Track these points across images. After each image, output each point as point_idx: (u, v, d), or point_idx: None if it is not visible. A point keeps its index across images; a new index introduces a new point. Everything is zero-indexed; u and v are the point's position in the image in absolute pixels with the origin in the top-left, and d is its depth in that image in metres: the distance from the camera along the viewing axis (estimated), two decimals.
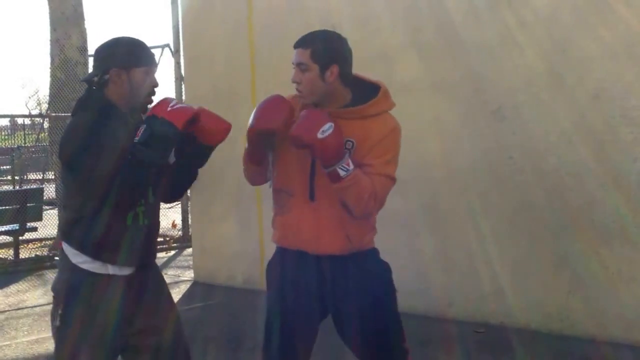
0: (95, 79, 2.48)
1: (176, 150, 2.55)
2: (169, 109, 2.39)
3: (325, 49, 2.56)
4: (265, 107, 2.58)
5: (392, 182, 2.59)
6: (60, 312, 2.48)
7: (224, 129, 2.57)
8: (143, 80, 2.48)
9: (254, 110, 2.60)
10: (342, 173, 2.46)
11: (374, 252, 2.73)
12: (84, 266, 2.46)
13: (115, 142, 2.37)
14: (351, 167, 2.47)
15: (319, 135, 2.42)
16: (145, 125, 2.38)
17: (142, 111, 2.55)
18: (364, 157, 2.54)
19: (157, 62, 2.60)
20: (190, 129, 2.45)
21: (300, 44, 2.59)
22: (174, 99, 2.47)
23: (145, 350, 2.56)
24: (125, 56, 2.47)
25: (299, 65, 2.57)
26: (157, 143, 2.35)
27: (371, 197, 2.51)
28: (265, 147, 2.66)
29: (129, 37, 2.57)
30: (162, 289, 2.68)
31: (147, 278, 2.59)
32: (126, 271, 2.50)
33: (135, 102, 2.51)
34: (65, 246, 2.50)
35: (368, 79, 2.70)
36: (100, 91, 2.49)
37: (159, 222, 2.69)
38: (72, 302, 2.47)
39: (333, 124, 2.46)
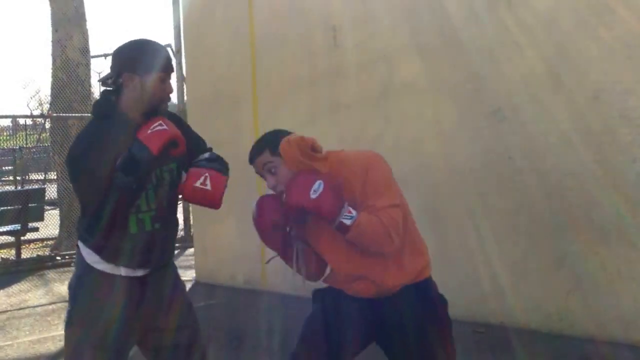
0: (110, 81, 2.43)
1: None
2: (149, 131, 2.33)
3: (273, 140, 2.58)
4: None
5: (397, 207, 2.56)
6: (68, 309, 2.51)
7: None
8: (155, 87, 2.41)
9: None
10: (347, 222, 2.47)
11: (426, 283, 2.75)
12: (97, 266, 2.47)
13: (111, 153, 2.33)
14: (354, 213, 2.48)
15: (312, 196, 2.43)
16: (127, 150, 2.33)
17: (155, 116, 2.47)
18: (361, 200, 2.53)
19: (173, 68, 2.53)
20: (172, 151, 2.40)
21: (254, 156, 2.60)
22: (160, 120, 2.39)
23: (164, 349, 2.59)
24: (138, 61, 2.40)
25: (265, 166, 2.58)
26: (132, 167, 2.29)
27: (386, 233, 2.50)
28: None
29: (145, 41, 2.49)
30: (178, 288, 2.69)
31: (165, 278, 2.61)
32: (140, 272, 2.51)
33: (148, 108, 2.43)
34: (81, 245, 2.51)
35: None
36: (114, 96, 2.44)
37: (175, 222, 2.72)
38: (80, 300, 2.49)
39: (322, 181, 2.46)
